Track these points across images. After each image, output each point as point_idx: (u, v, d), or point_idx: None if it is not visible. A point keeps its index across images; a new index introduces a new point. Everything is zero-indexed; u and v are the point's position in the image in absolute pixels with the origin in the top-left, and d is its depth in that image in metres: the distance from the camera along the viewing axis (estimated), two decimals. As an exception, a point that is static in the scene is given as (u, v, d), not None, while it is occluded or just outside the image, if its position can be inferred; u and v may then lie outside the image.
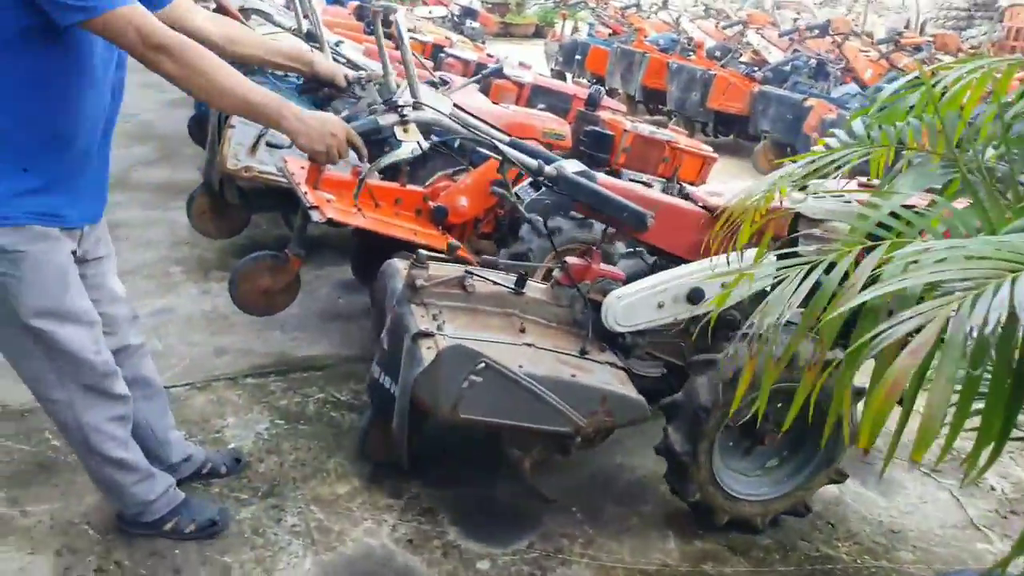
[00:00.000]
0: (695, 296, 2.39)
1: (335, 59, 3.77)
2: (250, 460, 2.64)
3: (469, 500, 2.57)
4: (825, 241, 2.72)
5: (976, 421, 1.05)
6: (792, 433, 2.45)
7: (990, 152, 1.60)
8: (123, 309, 2.24)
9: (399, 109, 2.03)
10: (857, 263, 1.16)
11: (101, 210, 2.04)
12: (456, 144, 3.89)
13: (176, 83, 1.74)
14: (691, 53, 8.81)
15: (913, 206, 1.51)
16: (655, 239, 2.59)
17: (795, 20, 10.01)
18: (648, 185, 3.07)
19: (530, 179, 2.45)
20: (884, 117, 1.74)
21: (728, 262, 2.34)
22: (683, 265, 2.47)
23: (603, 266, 2.58)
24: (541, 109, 4.57)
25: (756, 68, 8.18)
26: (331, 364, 3.34)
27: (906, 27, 9.04)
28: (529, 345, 2.30)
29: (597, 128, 3.93)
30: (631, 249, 2.94)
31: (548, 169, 2.42)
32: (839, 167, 1.66)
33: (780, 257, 1.38)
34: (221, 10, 4.16)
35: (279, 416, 2.92)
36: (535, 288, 2.57)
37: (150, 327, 3.51)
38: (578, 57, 10.06)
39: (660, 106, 9.10)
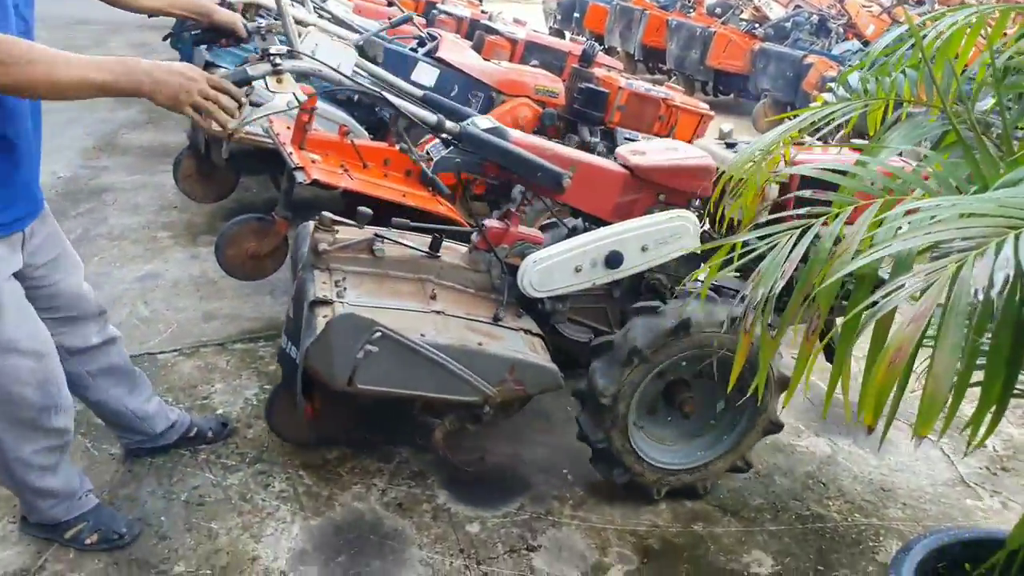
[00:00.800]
0: (614, 260, 2.30)
1: (319, 15, 3.67)
2: (238, 426, 2.61)
3: (461, 464, 2.55)
4: (818, 203, 2.66)
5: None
6: (711, 396, 2.44)
7: (988, 103, 1.53)
8: (87, 307, 2.08)
9: (271, 58, 1.87)
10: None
11: (39, 205, 1.86)
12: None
13: (8, 91, 1.49)
14: (691, 10, 8.63)
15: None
16: (573, 200, 2.46)
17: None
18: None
19: (445, 137, 2.30)
20: (881, 70, 1.67)
21: (652, 223, 2.29)
22: (601, 228, 2.37)
23: (522, 229, 2.48)
24: (535, 66, 4.46)
25: (757, 25, 8.01)
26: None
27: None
28: (438, 312, 2.21)
29: (591, 85, 3.84)
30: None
31: (450, 125, 2.27)
32: (836, 122, 1.58)
33: (770, 222, 1.31)
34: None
35: (268, 381, 2.88)
36: (453, 253, 2.48)
37: (137, 292, 3.47)
38: (576, 15, 9.88)
39: (660, 64, 8.95)
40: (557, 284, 2.30)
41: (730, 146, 2.64)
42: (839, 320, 1.18)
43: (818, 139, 2.44)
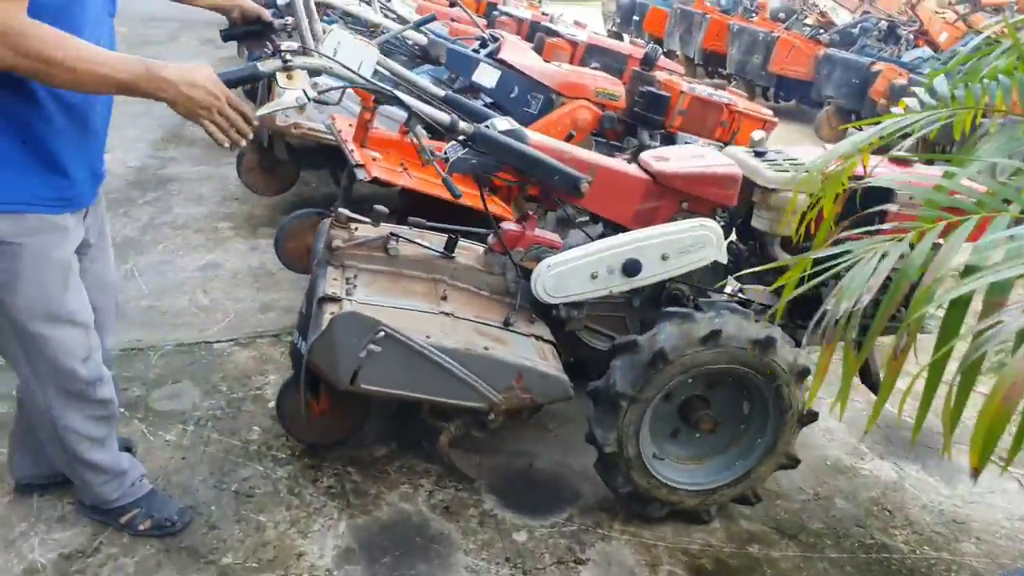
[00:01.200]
0: (632, 268, 2.22)
1: (385, 15, 3.69)
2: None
3: (507, 469, 2.52)
4: (903, 218, 2.51)
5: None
6: (731, 419, 2.36)
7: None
8: (108, 301, 2.07)
9: (281, 55, 1.86)
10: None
11: (100, 185, 1.88)
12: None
13: (25, 75, 1.47)
14: (753, 15, 8.47)
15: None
16: (593, 205, 2.37)
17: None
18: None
19: (461, 138, 2.23)
20: (968, 76, 1.58)
21: (673, 232, 2.22)
22: (620, 234, 2.28)
23: (539, 232, 2.42)
24: (595, 68, 4.41)
25: (822, 30, 7.82)
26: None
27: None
28: (447, 314, 2.16)
29: (652, 88, 3.78)
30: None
31: (463, 126, 2.19)
32: (921, 132, 1.50)
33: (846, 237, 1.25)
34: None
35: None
36: (468, 254, 2.43)
37: (198, 281, 3.53)
38: (636, 18, 9.79)
39: (720, 69, 8.81)
40: (572, 290, 2.23)
41: (759, 155, 2.52)
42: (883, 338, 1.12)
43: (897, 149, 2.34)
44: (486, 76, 3.67)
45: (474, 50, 3.84)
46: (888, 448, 2.87)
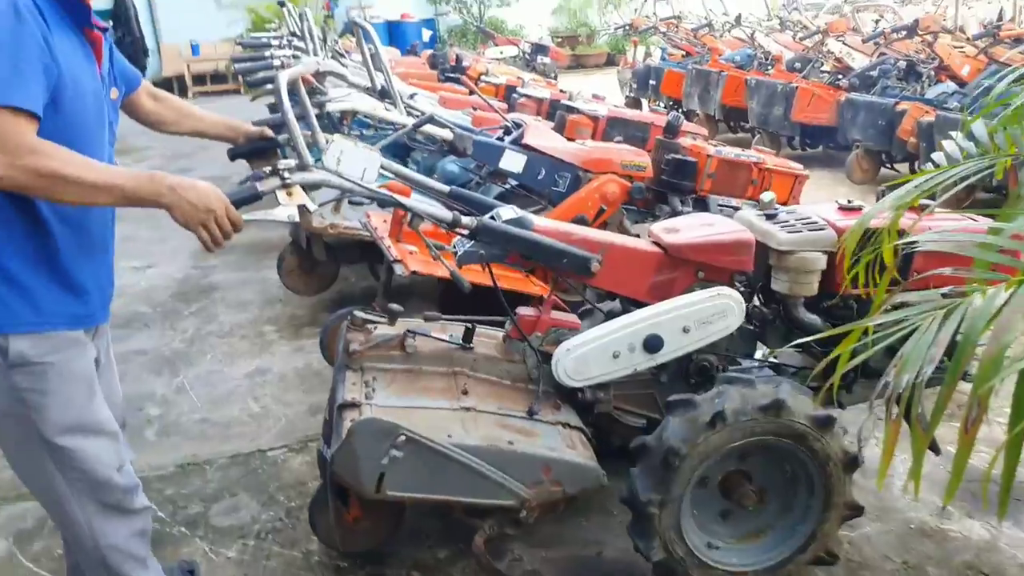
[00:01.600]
0: (653, 343, 2.16)
1: (409, 113, 3.80)
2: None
3: (577, 562, 2.45)
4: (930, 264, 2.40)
5: None
6: (776, 485, 2.24)
7: None
8: (117, 417, 2.02)
9: (280, 172, 1.90)
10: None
11: (110, 302, 1.91)
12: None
13: (34, 193, 1.54)
14: (769, 68, 8.55)
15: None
16: (606, 283, 2.32)
17: (876, 23, 9.59)
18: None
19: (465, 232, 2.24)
20: (1009, 118, 1.55)
21: (691, 303, 2.17)
22: (637, 310, 2.23)
23: (555, 314, 2.37)
24: (618, 141, 4.47)
25: (840, 76, 7.84)
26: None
27: (1000, 18, 8.48)
28: (467, 409, 2.10)
29: (678, 156, 3.80)
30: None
31: (466, 221, 2.17)
32: (965, 184, 1.47)
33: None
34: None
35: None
36: (487, 343, 2.38)
37: (247, 388, 3.57)
38: (652, 82, 9.93)
39: (742, 123, 8.85)
40: (594, 372, 2.18)
41: (770, 217, 2.48)
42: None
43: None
44: (512, 162, 3.74)
45: (498, 138, 3.92)
46: (975, 505, 2.69)
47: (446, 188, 2.71)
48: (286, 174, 1.90)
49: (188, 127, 2.22)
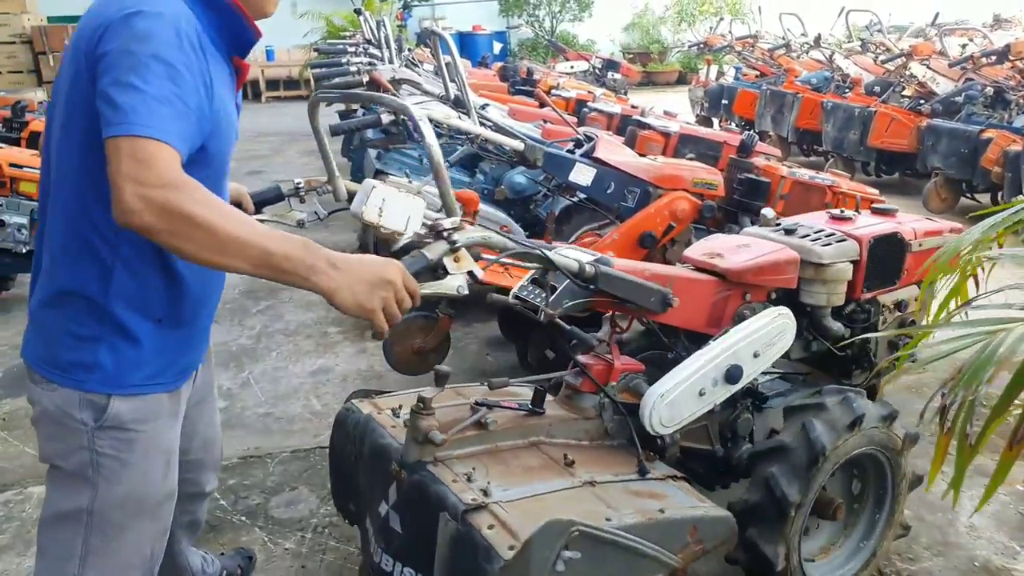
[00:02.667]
0: (734, 374, 2.08)
1: (481, 123, 3.84)
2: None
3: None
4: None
5: None
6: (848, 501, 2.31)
7: None
8: (213, 454, 2.00)
9: (445, 234, 1.64)
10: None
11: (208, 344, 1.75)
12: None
13: (156, 237, 1.26)
14: (847, 90, 8.36)
15: None
16: (675, 319, 2.23)
17: (963, 47, 9.29)
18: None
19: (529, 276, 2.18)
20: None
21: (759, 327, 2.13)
22: (712, 343, 2.13)
23: (623, 359, 2.19)
24: (689, 158, 4.44)
25: (922, 101, 7.61)
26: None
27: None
28: (592, 483, 1.83)
29: (752, 175, 3.75)
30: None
31: (588, 268, 2.02)
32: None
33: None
34: (374, 84, 4.37)
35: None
36: (551, 403, 2.09)
37: (310, 386, 3.65)
38: (724, 101, 9.83)
39: (815, 147, 8.68)
40: (685, 414, 2.05)
41: (789, 231, 2.52)
42: None
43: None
44: (582, 175, 3.75)
45: (568, 151, 3.93)
46: None
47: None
48: (455, 237, 1.64)
49: None
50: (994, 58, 7.60)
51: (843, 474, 2.27)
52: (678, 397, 2.01)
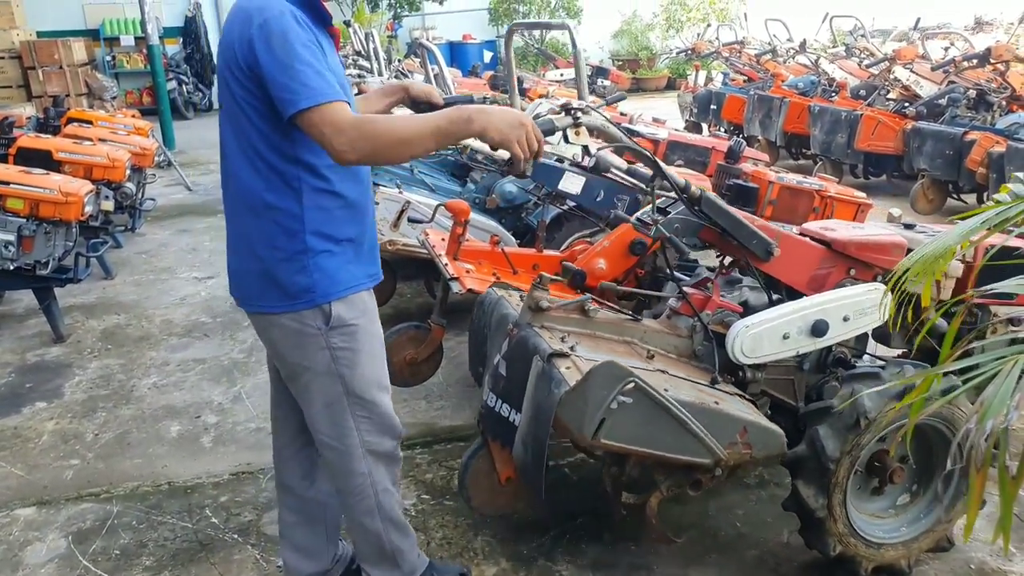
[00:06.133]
0: (820, 328, 2.30)
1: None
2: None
3: (622, 585, 2.42)
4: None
5: None
6: (920, 466, 2.41)
7: None
8: None
9: (572, 112, 2.07)
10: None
11: None
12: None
13: (376, 160, 1.80)
14: (833, 95, 8.40)
15: None
16: (776, 270, 2.52)
17: (945, 50, 9.35)
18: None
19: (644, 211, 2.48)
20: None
21: (854, 295, 2.33)
22: (807, 297, 2.38)
23: (721, 297, 2.49)
24: (678, 165, 4.45)
25: (907, 104, 7.66)
26: (475, 433, 3.31)
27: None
28: (663, 372, 2.16)
29: (740, 181, 3.76)
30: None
31: (693, 189, 2.40)
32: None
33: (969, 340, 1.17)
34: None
35: (425, 491, 2.89)
36: (650, 319, 2.49)
37: (302, 400, 3.63)
38: (713, 107, 9.86)
39: (803, 150, 8.72)
40: (766, 350, 2.29)
41: (908, 227, 2.72)
42: None
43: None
44: (571, 184, 3.75)
45: (558, 160, 3.93)
46: None
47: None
48: (579, 114, 2.06)
49: (369, 109, 2.27)
50: (975, 61, 7.65)
51: (920, 443, 2.38)
52: (763, 332, 2.27)
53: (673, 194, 2.54)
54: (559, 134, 2.11)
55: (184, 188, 8.16)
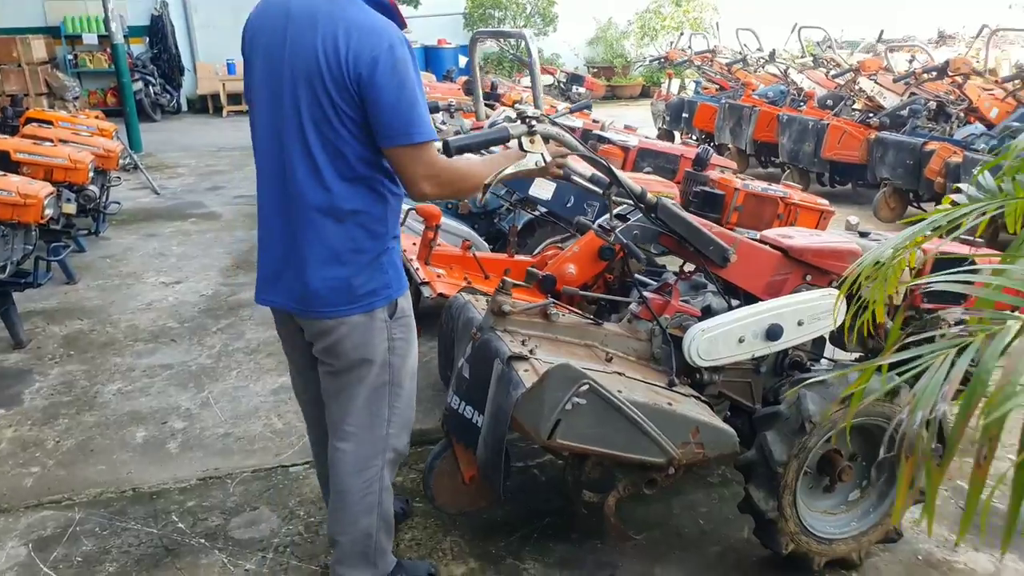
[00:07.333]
0: (774, 333, 2.37)
1: (439, 130, 3.87)
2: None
3: (588, 585, 2.45)
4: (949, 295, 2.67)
5: None
6: (868, 463, 2.47)
7: None
8: None
9: (527, 120, 2.12)
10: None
11: None
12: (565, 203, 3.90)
13: (446, 197, 2.14)
14: (801, 104, 8.56)
15: None
16: (734, 276, 2.58)
17: (910, 63, 9.56)
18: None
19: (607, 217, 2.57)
20: (1020, 167, 1.57)
21: (809, 300, 2.41)
22: (762, 302, 2.46)
23: (680, 302, 2.57)
24: (647, 172, 4.52)
25: (871, 114, 7.83)
26: (444, 437, 3.32)
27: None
28: (620, 374, 2.22)
29: (707, 188, 3.83)
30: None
31: (649, 197, 2.45)
32: (970, 224, 1.49)
33: (917, 342, 1.23)
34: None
35: (396, 493, 2.89)
36: (611, 323, 2.57)
37: (271, 405, 3.62)
38: (685, 115, 9.98)
39: (772, 158, 8.86)
40: (721, 354, 2.36)
41: (863, 235, 2.79)
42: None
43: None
44: (542, 190, 3.80)
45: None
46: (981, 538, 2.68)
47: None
48: (533, 122, 2.13)
49: None
50: (934, 74, 7.84)
51: (868, 442, 2.45)
52: (718, 336, 2.34)
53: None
54: (514, 142, 2.14)
55: (151, 192, 8.07)
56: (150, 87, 13.53)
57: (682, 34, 14.75)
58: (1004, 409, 0.88)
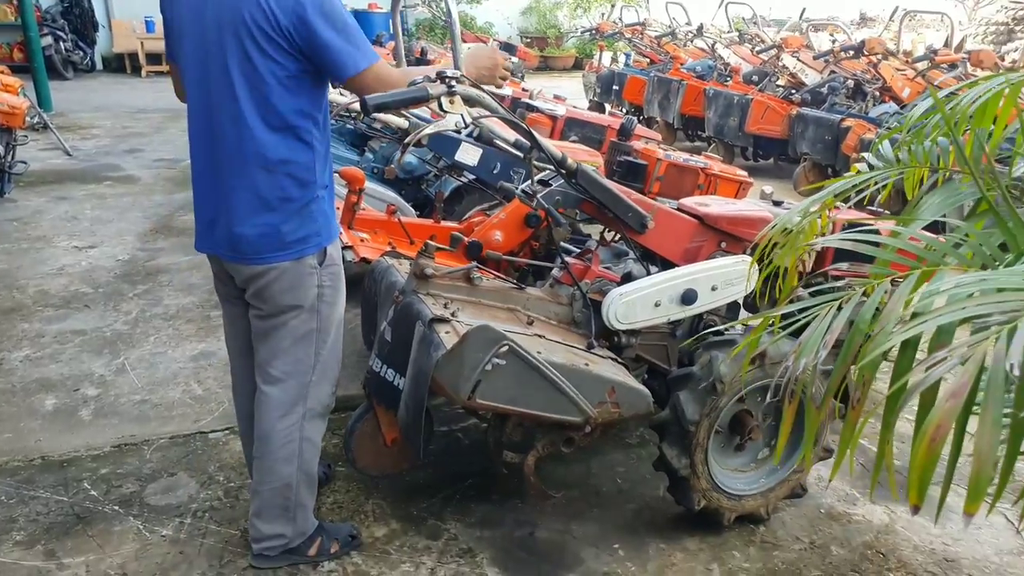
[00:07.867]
0: (689, 297, 2.46)
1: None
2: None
3: (509, 539, 2.51)
4: (855, 275, 2.81)
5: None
6: (775, 422, 2.59)
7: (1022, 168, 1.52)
8: None
9: (447, 80, 2.11)
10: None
11: None
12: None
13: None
14: (728, 79, 8.73)
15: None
16: (651, 242, 2.66)
17: (833, 42, 9.86)
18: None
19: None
20: (915, 137, 1.67)
21: (723, 266, 2.50)
22: (678, 267, 2.55)
23: (600, 268, 2.64)
24: (574, 141, 4.55)
25: (793, 91, 8.06)
26: (366, 399, 3.32)
27: (946, 44, 8.80)
28: (540, 336, 2.28)
29: (630, 158, 3.89)
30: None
31: (570, 162, 2.48)
32: (872, 190, 1.58)
33: (812, 295, 1.31)
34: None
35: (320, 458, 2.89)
36: (534, 288, 2.62)
37: (191, 371, 3.55)
38: (616, 87, 10.06)
39: (699, 132, 9.03)
40: (639, 317, 2.44)
41: (777, 204, 2.90)
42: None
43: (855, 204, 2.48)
44: (468, 155, 3.79)
45: (455, 131, 3.95)
46: (880, 492, 2.86)
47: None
48: (453, 83, 2.10)
49: None
50: (852, 53, 8.11)
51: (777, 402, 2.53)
52: (636, 300, 2.42)
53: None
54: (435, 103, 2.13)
55: (63, 153, 7.71)
56: (60, 43, 12.81)
57: (614, 6, 14.83)
58: (874, 354, 0.95)
